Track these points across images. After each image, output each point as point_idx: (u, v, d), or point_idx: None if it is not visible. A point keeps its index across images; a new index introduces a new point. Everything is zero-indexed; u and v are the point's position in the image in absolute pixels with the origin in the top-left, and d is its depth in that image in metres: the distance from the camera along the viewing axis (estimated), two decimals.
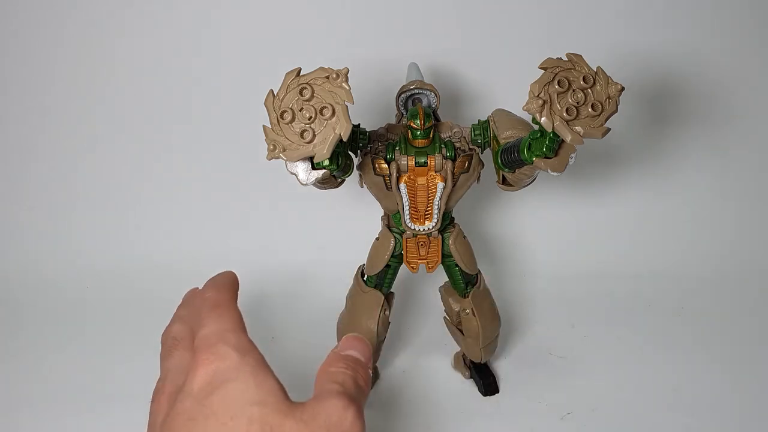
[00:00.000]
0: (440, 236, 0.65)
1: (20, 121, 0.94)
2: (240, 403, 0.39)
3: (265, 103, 0.51)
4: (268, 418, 0.38)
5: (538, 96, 0.49)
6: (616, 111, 0.51)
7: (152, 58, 0.91)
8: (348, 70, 0.50)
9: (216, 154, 0.95)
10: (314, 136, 0.50)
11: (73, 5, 0.88)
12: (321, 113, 0.50)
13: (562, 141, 0.51)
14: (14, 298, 0.91)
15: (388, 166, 0.61)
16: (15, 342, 0.83)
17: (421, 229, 0.64)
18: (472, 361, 0.73)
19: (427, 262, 0.66)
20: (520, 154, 0.54)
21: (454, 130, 0.62)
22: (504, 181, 0.61)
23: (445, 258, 0.67)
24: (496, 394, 0.73)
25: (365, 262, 0.68)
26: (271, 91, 0.51)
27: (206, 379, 0.40)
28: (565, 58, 0.50)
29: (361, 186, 0.64)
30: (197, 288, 0.48)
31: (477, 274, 0.69)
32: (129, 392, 0.73)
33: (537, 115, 0.49)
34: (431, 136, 0.60)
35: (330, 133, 0.50)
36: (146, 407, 0.73)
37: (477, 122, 0.62)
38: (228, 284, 0.48)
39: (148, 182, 0.97)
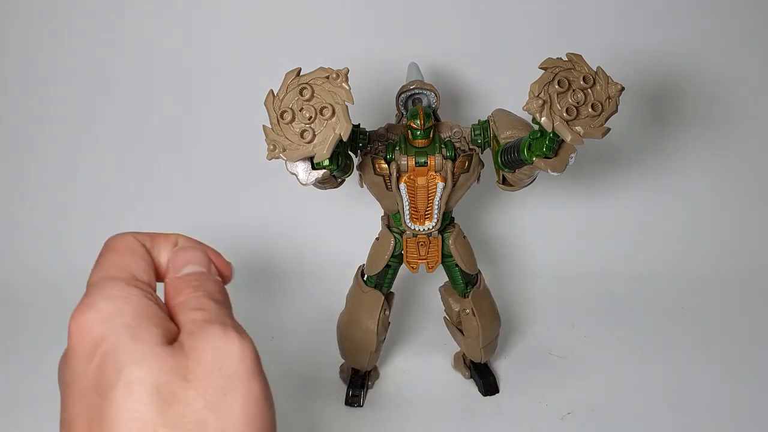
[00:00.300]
0: (440, 236, 0.65)
1: (20, 121, 0.94)
2: (118, 365, 0.32)
3: (265, 103, 0.51)
4: (152, 377, 0.31)
5: (538, 96, 0.49)
6: (616, 111, 0.51)
7: (153, 58, 0.91)
8: (348, 70, 0.50)
9: (216, 154, 0.95)
10: (314, 136, 0.50)
11: (73, 5, 0.88)
12: (321, 113, 0.50)
13: (562, 141, 0.51)
14: (14, 298, 0.91)
15: (388, 166, 0.61)
16: (15, 342, 0.83)
17: (421, 229, 0.64)
18: (472, 361, 0.73)
19: (427, 262, 0.66)
20: (520, 154, 0.54)
21: (454, 130, 0.62)
22: (504, 181, 0.61)
23: (445, 258, 0.67)
24: (496, 394, 0.73)
25: (365, 262, 0.68)
26: (271, 91, 0.51)
27: (81, 339, 0.33)
28: (565, 58, 0.50)
29: (361, 186, 0.64)
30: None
31: (477, 274, 0.69)
32: None
33: (537, 115, 0.49)
34: (431, 136, 0.60)
35: (330, 133, 0.50)
36: None
37: (477, 122, 0.62)
38: (145, 233, 0.39)
39: (148, 182, 0.97)
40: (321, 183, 0.57)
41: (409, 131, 0.60)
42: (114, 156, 0.96)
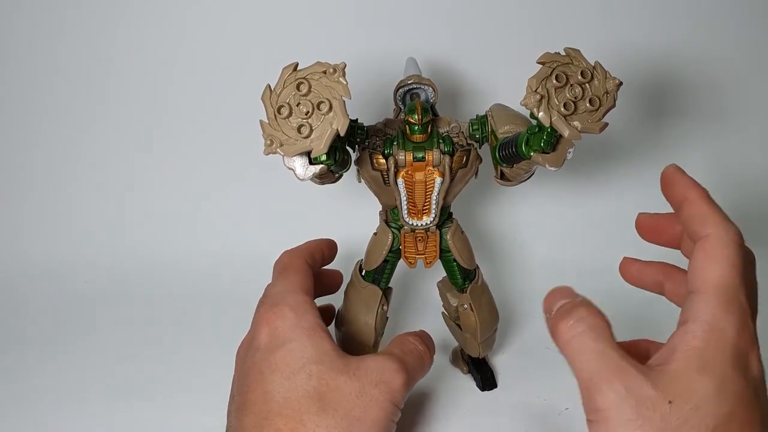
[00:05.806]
0: (438, 231, 0.65)
1: (20, 119, 0.94)
2: (300, 361, 0.46)
3: (262, 98, 0.51)
4: (324, 374, 0.45)
5: (535, 91, 0.49)
6: (614, 106, 0.51)
7: (151, 55, 0.91)
8: (345, 65, 0.50)
9: (213, 149, 0.95)
10: (311, 131, 0.50)
11: (72, 4, 0.88)
12: (318, 108, 0.50)
13: (560, 136, 0.51)
14: (14, 298, 0.91)
15: (386, 161, 0.61)
16: (14, 341, 0.83)
17: (419, 225, 0.64)
18: (470, 356, 0.73)
19: (425, 257, 0.66)
20: (518, 149, 0.54)
21: (452, 125, 0.62)
22: (502, 176, 0.61)
23: (443, 253, 0.67)
24: (494, 389, 0.73)
25: (363, 258, 0.68)
26: (268, 85, 0.51)
27: (269, 336, 0.49)
28: (563, 53, 0.50)
29: (359, 181, 0.64)
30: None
31: (475, 269, 0.69)
32: (129, 390, 0.73)
33: (535, 110, 0.49)
34: (429, 131, 0.60)
35: (327, 128, 0.49)
36: (146, 405, 0.73)
37: (475, 117, 0.62)
38: (304, 250, 0.59)
39: (148, 179, 0.97)
40: (318, 178, 0.57)
41: (406, 126, 0.60)
42: (114, 153, 0.96)
